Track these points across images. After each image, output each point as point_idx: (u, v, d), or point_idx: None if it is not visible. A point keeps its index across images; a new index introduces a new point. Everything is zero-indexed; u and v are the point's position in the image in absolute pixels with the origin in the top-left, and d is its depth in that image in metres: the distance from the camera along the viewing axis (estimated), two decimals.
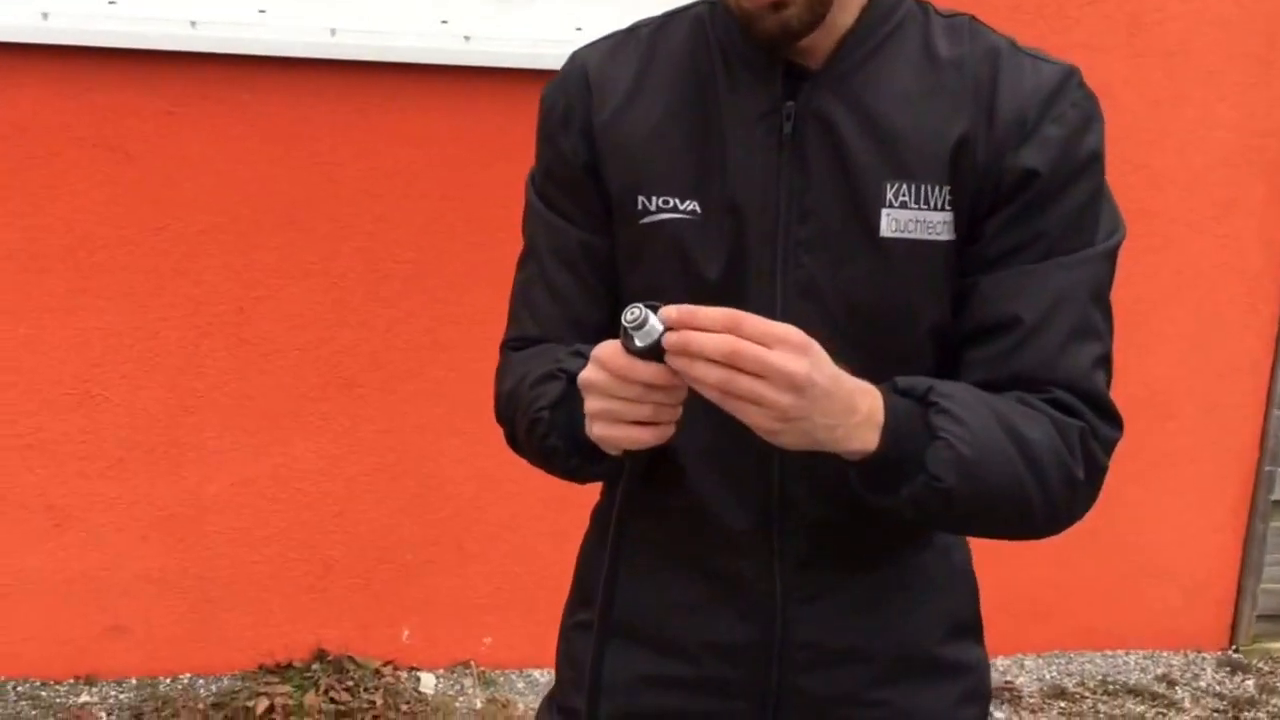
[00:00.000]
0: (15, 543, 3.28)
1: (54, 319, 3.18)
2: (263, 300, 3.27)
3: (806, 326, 1.11)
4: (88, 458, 3.26)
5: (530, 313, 1.40)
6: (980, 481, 1.16)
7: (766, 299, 1.25)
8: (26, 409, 3.22)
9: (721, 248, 1.26)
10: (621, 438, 1.14)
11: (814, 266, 1.24)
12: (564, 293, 1.37)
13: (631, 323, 1.06)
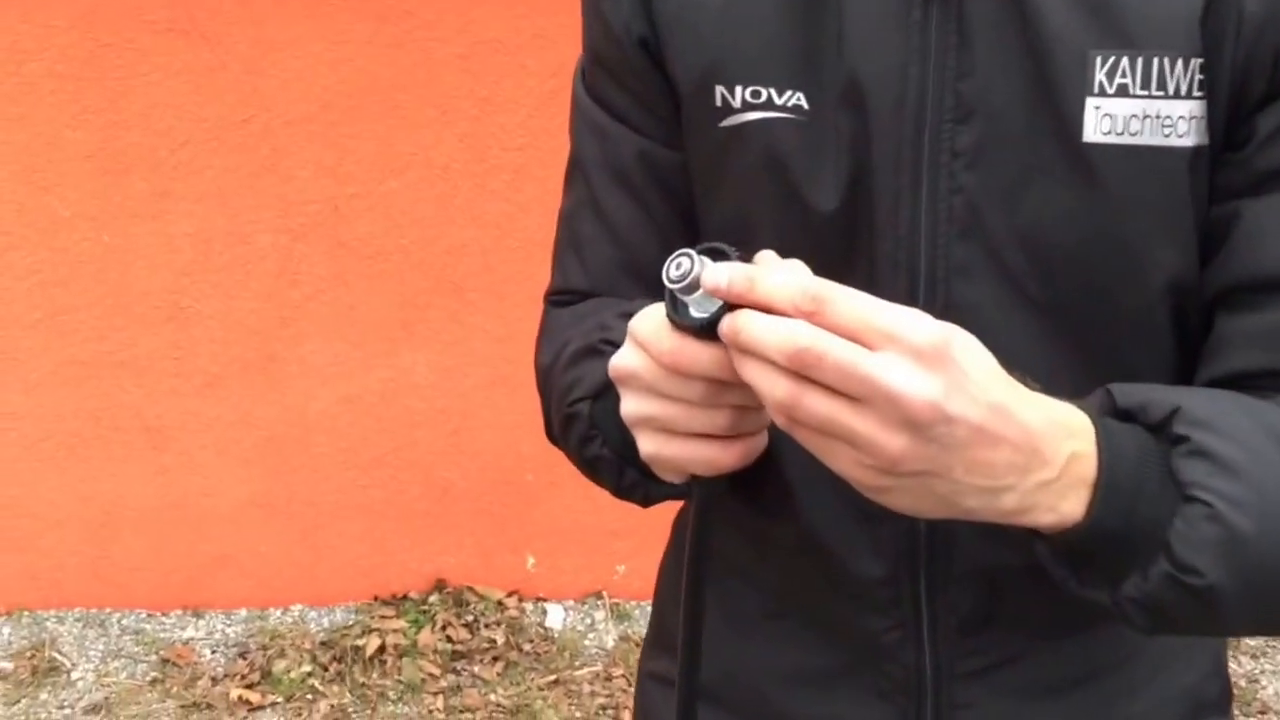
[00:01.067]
0: (114, 467, 3.06)
1: (139, 225, 2.92)
2: (359, 198, 2.95)
3: (965, 289, 0.85)
4: (182, 375, 3.01)
5: (575, 254, 1.05)
6: (1267, 572, 0.75)
7: (904, 242, 0.90)
8: (116, 323, 2.97)
9: (838, 162, 0.90)
10: (681, 458, 0.79)
11: (979, 192, 0.88)
12: (619, 225, 1.02)
13: (678, 281, 0.72)
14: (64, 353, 2.98)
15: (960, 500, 0.72)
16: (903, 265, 0.89)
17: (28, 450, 3.04)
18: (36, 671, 2.99)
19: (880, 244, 0.89)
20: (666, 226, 1.01)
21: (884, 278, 0.90)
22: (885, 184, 0.89)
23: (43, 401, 3.00)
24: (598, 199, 1.02)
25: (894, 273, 0.90)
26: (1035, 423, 0.72)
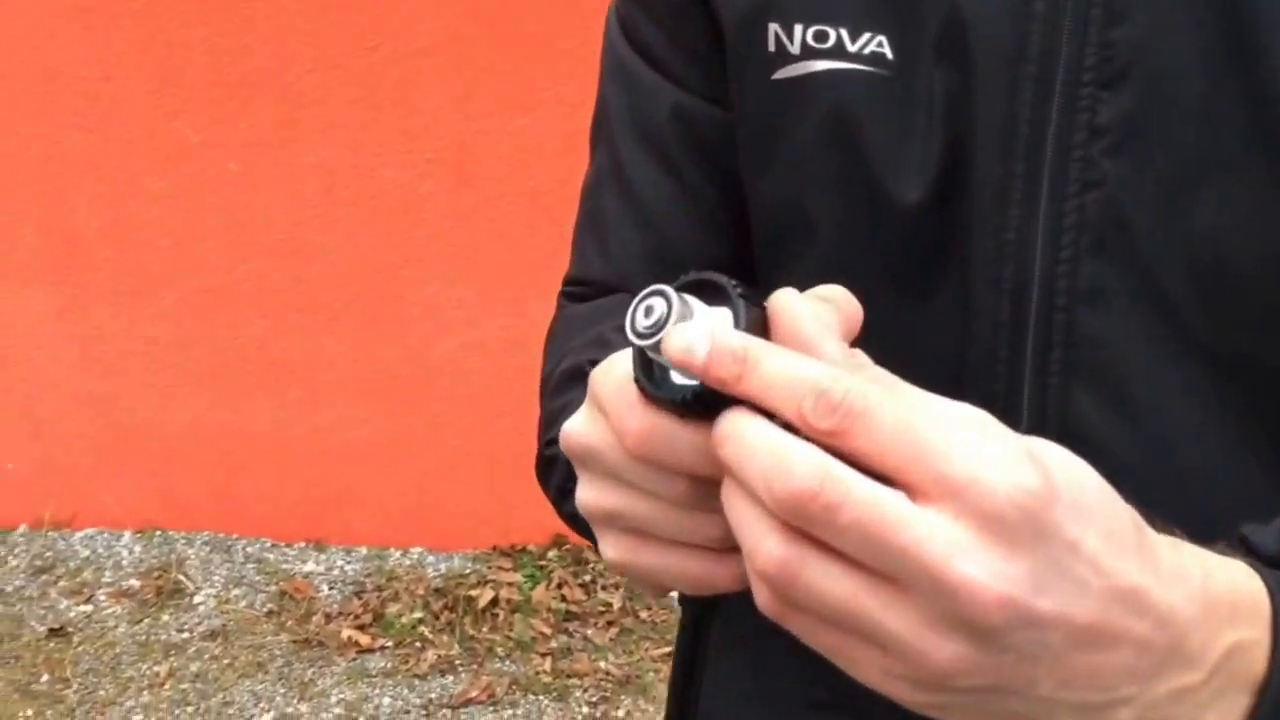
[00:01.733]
0: (239, 397, 3.04)
1: (264, 153, 2.83)
2: (487, 134, 2.77)
3: (1095, 322, 0.65)
4: (306, 310, 2.94)
5: (595, 236, 0.85)
6: None
7: (1011, 253, 0.67)
8: (242, 254, 2.92)
9: (928, 136, 0.68)
10: (658, 572, 0.56)
11: (1126, 186, 0.65)
12: (647, 201, 0.81)
13: (647, 334, 0.50)
14: (193, 281, 2.95)
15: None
16: (1007, 286, 0.67)
17: (159, 375, 3.04)
18: (161, 592, 3.03)
19: (978, 254, 0.68)
20: (706, 205, 0.81)
21: (980, 303, 0.68)
22: (990, 170, 0.67)
23: (173, 328, 2.99)
24: (623, 168, 0.82)
25: (993, 296, 0.68)
26: (1181, 607, 0.46)
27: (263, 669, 2.83)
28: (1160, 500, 0.54)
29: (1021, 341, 0.67)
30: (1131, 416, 0.66)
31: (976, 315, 0.67)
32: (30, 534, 3.20)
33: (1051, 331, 0.67)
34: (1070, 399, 0.68)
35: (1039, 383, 0.68)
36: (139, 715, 2.72)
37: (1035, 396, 0.68)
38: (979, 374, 0.69)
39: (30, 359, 3.05)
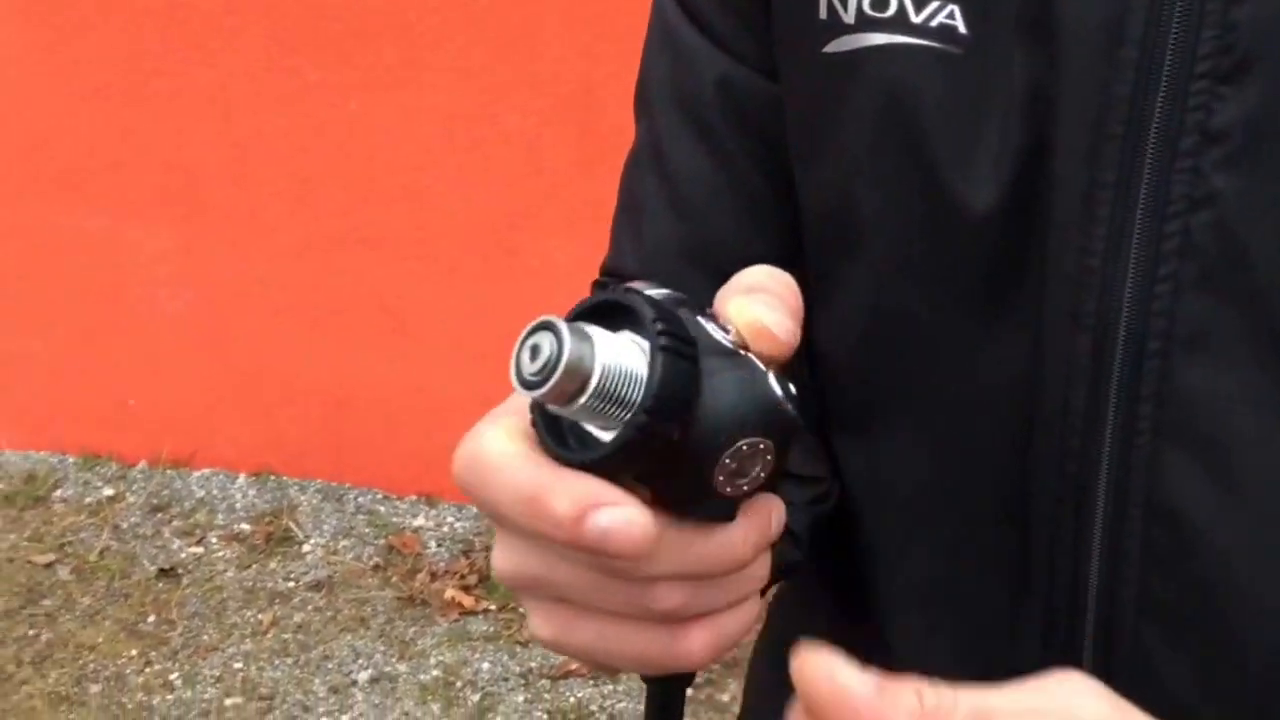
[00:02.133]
0: (353, 345, 2.98)
1: (384, 95, 2.74)
2: (614, 80, 2.62)
3: (1194, 371, 0.55)
4: (422, 259, 2.85)
5: (631, 223, 0.76)
6: None
7: (1094, 281, 0.57)
8: (359, 197, 2.84)
9: (1005, 131, 0.58)
10: (598, 653, 0.49)
11: (1242, 206, 0.54)
12: (686, 186, 0.71)
13: (534, 378, 0.42)
14: (310, 225, 2.89)
15: None
16: (1088, 323, 0.57)
17: (274, 319, 2.99)
18: (270, 539, 3.00)
19: (1054, 280, 0.57)
20: (751, 194, 0.71)
21: (1054, 340, 0.58)
22: (1074, 177, 0.56)
23: (289, 271, 2.94)
24: (661, 144, 0.73)
25: (1070, 334, 0.57)
26: None
27: (364, 625, 2.78)
28: (1264, 590, 0.53)
29: (1103, 392, 0.57)
30: (1234, 490, 0.56)
31: (1050, 355, 0.57)
32: (149, 471, 3.21)
33: (1141, 382, 0.56)
34: (1160, 466, 0.57)
35: (1122, 444, 0.57)
36: (239, 663, 2.69)
37: (1117, 461, 0.57)
38: (1050, 428, 0.59)
39: (152, 297, 3.04)
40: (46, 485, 3.19)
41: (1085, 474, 0.58)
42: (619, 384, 0.42)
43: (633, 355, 0.42)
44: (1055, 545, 0.59)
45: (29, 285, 3.09)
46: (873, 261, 0.64)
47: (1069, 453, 0.58)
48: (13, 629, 2.76)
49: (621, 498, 0.43)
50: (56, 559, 2.97)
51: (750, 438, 0.44)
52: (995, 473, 0.61)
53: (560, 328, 0.41)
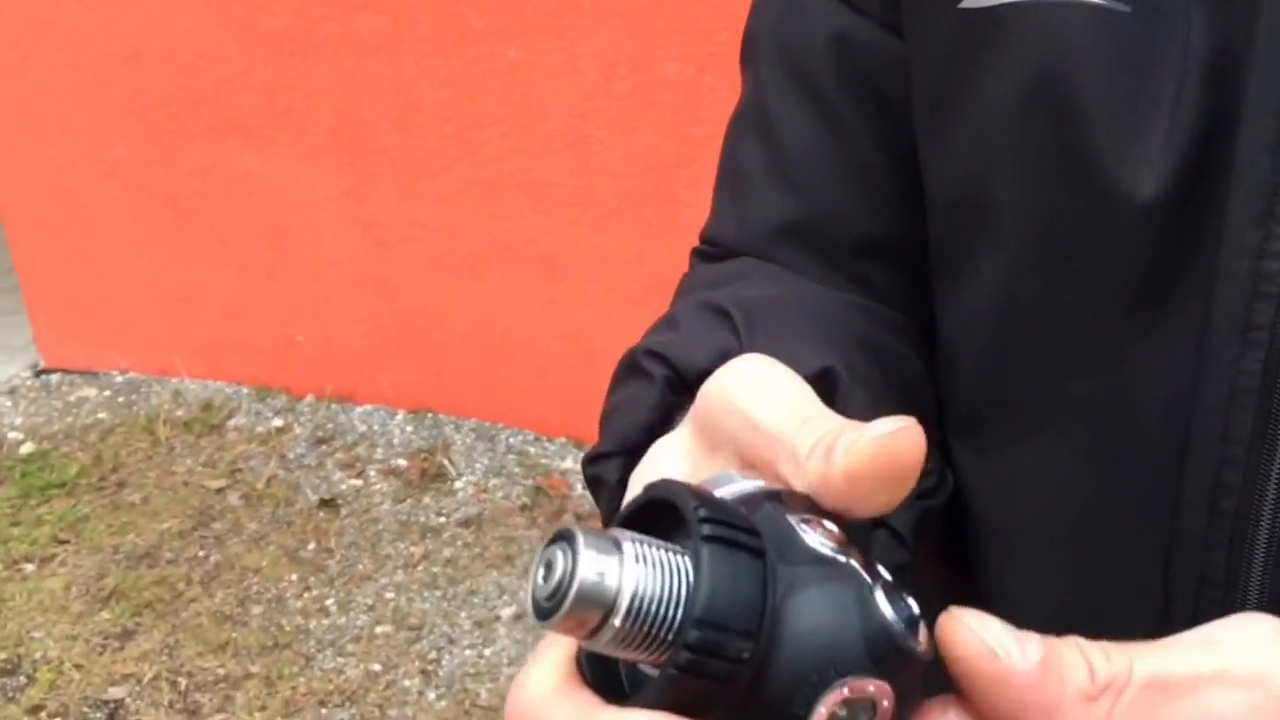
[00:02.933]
0: (509, 290, 3.02)
1: (545, 41, 2.75)
2: None
3: None
4: (578, 205, 2.87)
5: (732, 191, 0.69)
6: None
7: (1271, 289, 0.48)
8: (519, 144, 2.86)
9: (1178, 107, 0.49)
10: None
11: None
12: (792, 154, 0.64)
13: (548, 603, 0.33)
14: (470, 169, 2.92)
15: None
16: (1260, 336, 0.48)
17: (434, 262, 3.05)
18: (425, 475, 3.08)
19: (1223, 285, 0.49)
20: (865, 166, 0.64)
21: (1219, 353, 0.50)
22: (1255, 165, 0.47)
23: (449, 216, 2.99)
24: (767, 107, 0.66)
25: (1235, 349, 0.49)
26: None
27: (510, 562, 2.84)
28: None
29: (1273, 419, 0.48)
30: None
31: (1212, 373, 0.49)
32: (315, 404, 3.33)
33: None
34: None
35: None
36: (391, 593, 2.78)
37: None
38: (1207, 457, 0.50)
39: (318, 239, 3.13)
40: (221, 414, 3.33)
41: (1244, 513, 0.50)
42: (661, 607, 0.32)
43: (682, 570, 0.32)
44: (1202, 590, 0.51)
45: (208, 225, 3.22)
46: (1010, 251, 0.56)
47: (1225, 488, 0.50)
48: (185, 549, 2.90)
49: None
50: (227, 484, 3.10)
51: (857, 677, 0.33)
52: (1141, 499, 0.53)
53: (576, 539, 0.32)
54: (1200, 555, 0.51)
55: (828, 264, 0.64)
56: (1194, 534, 0.51)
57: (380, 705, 2.51)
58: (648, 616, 0.31)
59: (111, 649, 2.64)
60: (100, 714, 2.50)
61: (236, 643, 2.66)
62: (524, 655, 2.61)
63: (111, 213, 3.26)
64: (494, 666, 2.60)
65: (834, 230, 0.64)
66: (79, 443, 3.25)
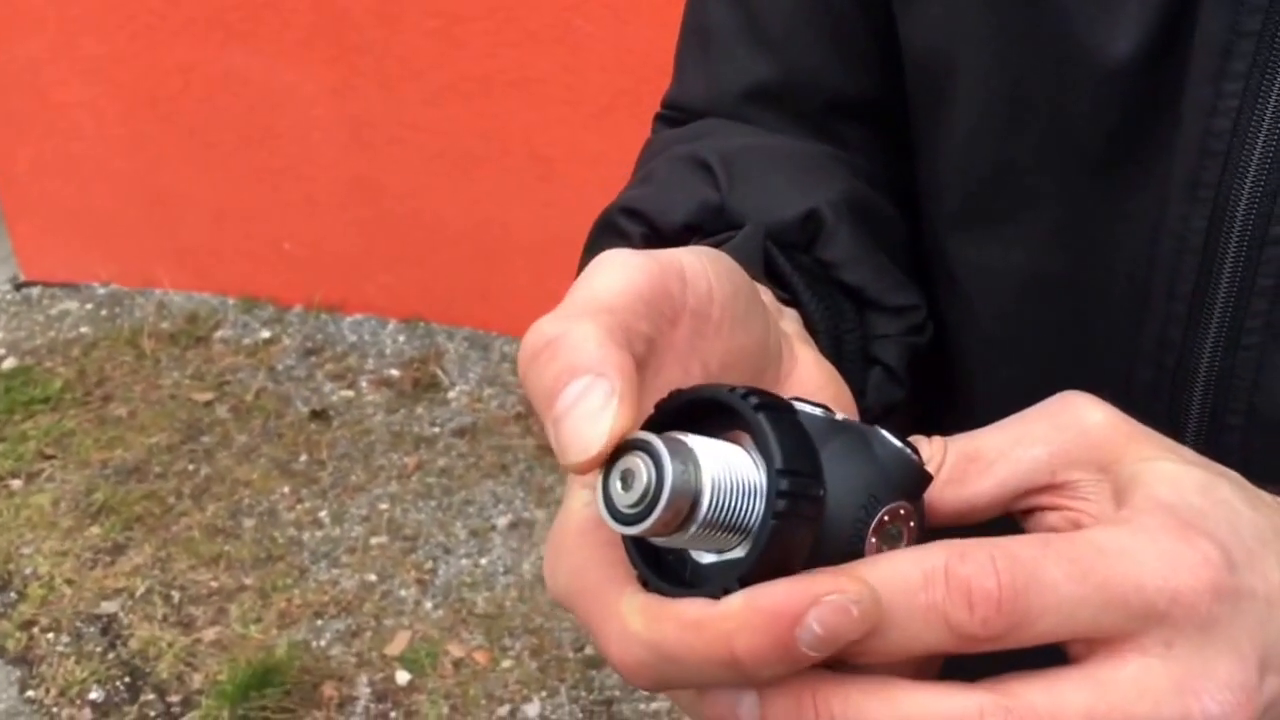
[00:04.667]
0: (502, 189, 2.94)
1: None
2: None
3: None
4: (570, 103, 2.77)
5: (699, 54, 0.69)
6: None
7: (1222, 147, 0.48)
8: (510, 39, 2.76)
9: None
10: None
11: None
12: (766, 17, 0.64)
13: (633, 513, 0.34)
14: (459, 67, 2.83)
15: None
16: (1205, 195, 0.49)
17: (426, 164, 2.97)
18: (418, 384, 3.03)
19: (1182, 143, 0.49)
20: (843, 25, 0.63)
21: (1172, 213, 0.50)
22: (1215, 24, 0.47)
23: (439, 116, 2.90)
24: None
25: (1185, 207, 0.49)
26: None
27: (505, 471, 2.79)
28: None
29: (1213, 279, 0.49)
30: None
31: (1166, 233, 0.50)
32: (304, 314, 3.26)
33: (1258, 272, 0.48)
34: (1271, 373, 0.50)
35: (1228, 342, 0.50)
36: (385, 504, 2.73)
37: (1220, 361, 0.50)
38: (1155, 316, 0.52)
39: (305, 138, 3.04)
40: (207, 326, 3.27)
41: (1184, 371, 0.51)
42: (734, 496, 0.34)
43: (739, 458, 0.35)
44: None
45: (190, 127, 3.12)
46: (973, 103, 0.56)
47: (1167, 344, 0.51)
48: (174, 463, 2.85)
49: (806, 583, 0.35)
50: (215, 397, 3.05)
51: (889, 503, 0.38)
52: (1101, 351, 0.55)
53: (657, 448, 0.33)
54: (1145, 408, 0.49)
55: (800, 123, 0.64)
56: (1144, 386, 0.52)
57: (376, 615, 2.48)
58: (726, 499, 0.34)
59: (103, 564, 2.61)
60: (94, 628, 2.47)
61: (229, 555, 2.62)
62: (520, 564, 2.58)
63: (91, 114, 3.15)
64: (490, 575, 2.57)
65: (807, 88, 0.64)
66: (62, 357, 3.19)
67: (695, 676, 0.34)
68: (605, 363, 0.34)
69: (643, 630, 0.34)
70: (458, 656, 2.40)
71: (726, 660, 0.33)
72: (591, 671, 2.38)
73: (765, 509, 0.34)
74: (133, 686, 2.36)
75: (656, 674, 0.35)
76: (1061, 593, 0.34)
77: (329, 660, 2.39)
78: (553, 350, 0.35)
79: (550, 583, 0.39)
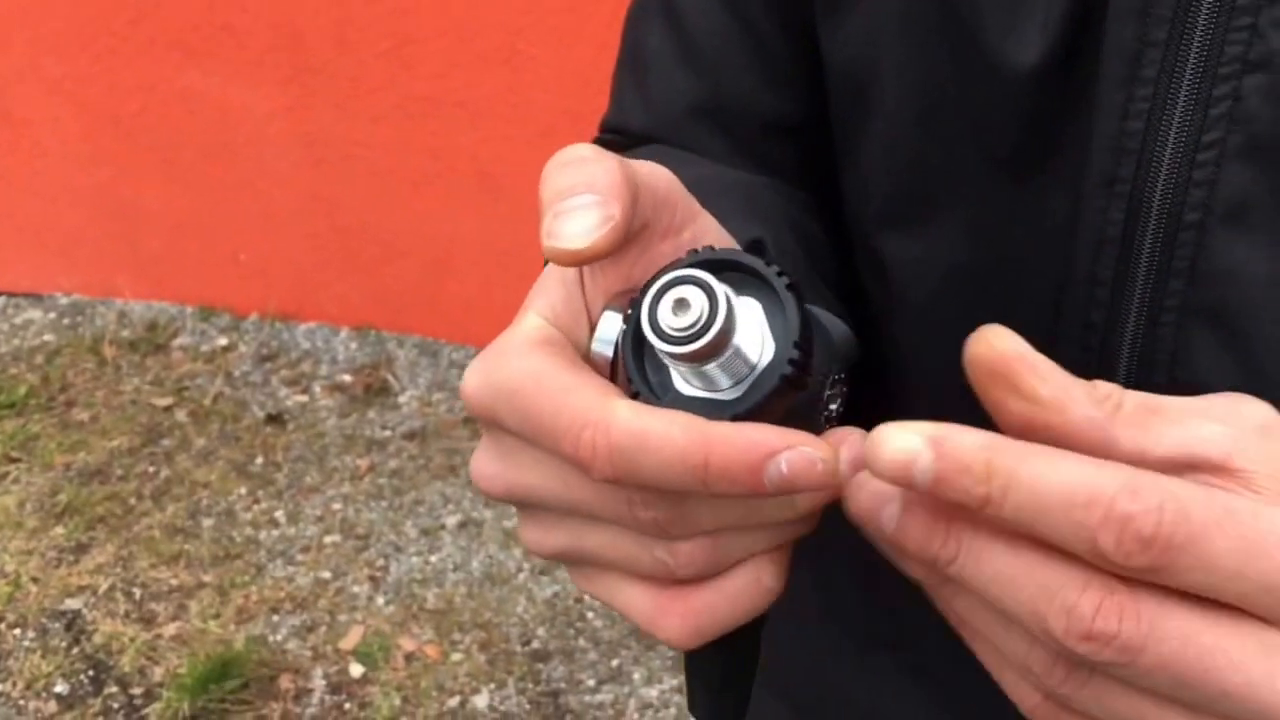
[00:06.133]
0: (450, 207, 3.05)
1: None
2: None
3: (1233, 249, 0.50)
4: (516, 122, 2.90)
5: (635, 78, 0.72)
6: None
7: (1131, 146, 0.52)
8: (457, 60, 2.89)
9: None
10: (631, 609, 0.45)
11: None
12: (700, 39, 0.68)
13: (682, 334, 0.39)
14: (409, 88, 2.94)
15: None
16: (1122, 190, 0.52)
17: (377, 180, 3.08)
18: (369, 389, 3.14)
19: (1096, 144, 0.53)
20: (771, 51, 0.67)
21: (1089, 207, 0.54)
22: (1123, 34, 0.51)
23: (390, 134, 3.01)
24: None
25: (1103, 200, 0.53)
26: None
27: (454, 473, 2.91)
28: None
29: (1133, 264, 0.52)
30: (1260, 374, 0.51)
31: (1083, 225, 0.53)
32: (259, 323, 3.36)
33: (1173, 256, 0.52)
34: (1187, 345, 0.53)
35: (1148, 321, 0.53)
36: (338, 504, 2.85)
37: (1142, 338, 0.54)
38: (1077, 299, 0.55)
39: (261, 155, 3.15)
40: (166, 333, 3.36)
41: (1108, 349, 0.54)
42: (750, 344, 0.40)
43: (756, 314, 0.41)
44: None
45: (151, 143, 3.22)
46: (893, 113, 0.59)
47: (1092, 326, 0.54)
48: (135, 465, 2.94)
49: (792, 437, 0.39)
50: (174, 402, 3.14)
51: (837, 370, 0.44)
52: (1025, 335, 0.53)
53: (717, 290, 0.39)
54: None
55: (735, 145, 0.67)
56: (1069, 369, 0.58)
57: (330, 611, 2.59)
58: (747, 344, 0.40)
59: (67, 562, 2.70)
60: (59, 624, 2.56)
61: (189, 554, 2.72)
62: (469, 562, 2.70)
63: (54, 131, 3.25)
64: (440, 572, 2.68)
65: (741, 111, 0.67)
66: (26, 364, 3.27)
67: (661, 473, 0.38)
68: (616, 194, 0.41)
69: (633, 420, 0.38)
70: (409, 650, 2.50)
71: (697, 465, 0.37)
72: (539, 665, 2.48)
73: (772, 367, 0.40)
74: (96, 680, 2.44)
75: (625, 461, 0.38)
76: (1219, 563, 0.35)
77: (285, 654, 2.49)
78: (582, 163, 0.42)
79: (485, 379, 0.42)
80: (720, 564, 0.42)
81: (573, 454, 0.39)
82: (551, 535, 0.45)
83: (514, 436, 0.43)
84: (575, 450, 0.39)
